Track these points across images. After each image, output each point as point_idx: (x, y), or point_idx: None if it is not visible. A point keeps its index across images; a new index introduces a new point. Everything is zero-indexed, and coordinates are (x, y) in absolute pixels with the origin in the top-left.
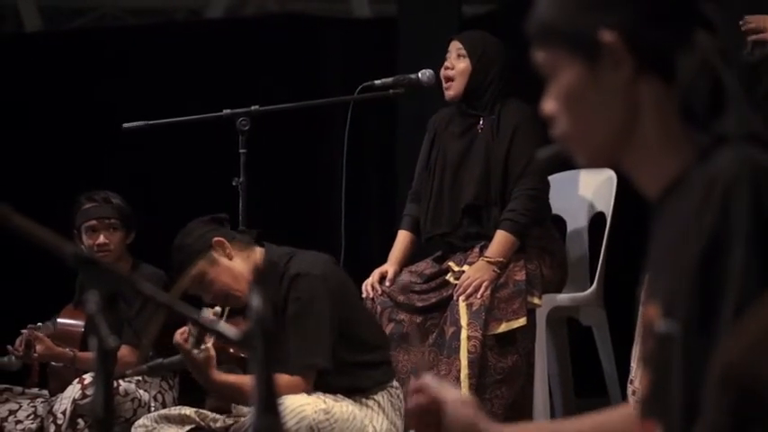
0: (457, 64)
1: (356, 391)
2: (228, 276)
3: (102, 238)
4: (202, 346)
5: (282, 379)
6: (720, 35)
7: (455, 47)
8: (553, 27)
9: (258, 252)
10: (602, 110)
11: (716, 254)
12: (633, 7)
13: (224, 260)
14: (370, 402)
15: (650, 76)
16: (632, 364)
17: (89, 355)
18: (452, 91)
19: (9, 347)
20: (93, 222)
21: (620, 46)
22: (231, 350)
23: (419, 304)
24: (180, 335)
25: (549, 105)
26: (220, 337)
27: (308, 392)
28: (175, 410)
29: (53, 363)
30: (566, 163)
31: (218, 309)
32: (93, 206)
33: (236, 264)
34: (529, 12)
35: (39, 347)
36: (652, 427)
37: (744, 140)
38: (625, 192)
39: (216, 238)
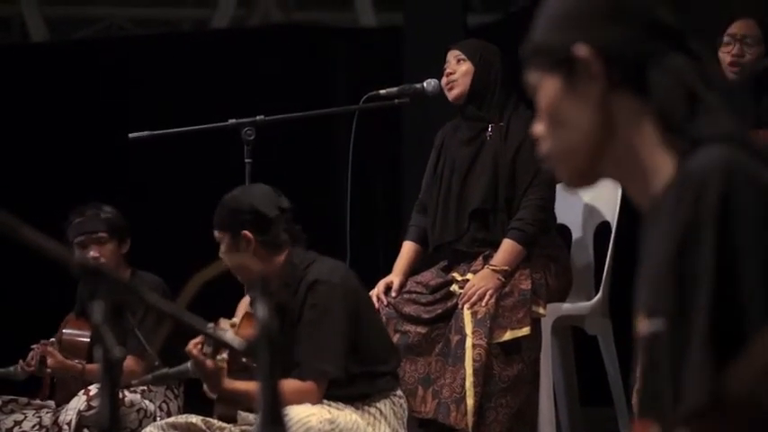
0: (458, 68)
1: (358, 399)
2: (238, 261)
3: (92, 252)
4: (218, 357)
5: (295, 384)
6: (700, 57)
7: (453, 55)
8: (537, 48)
9: (283, 255)
10: (579, 122)
11: (689, 246)
12: (606, 24)
13: (243, 250)
14: (372, 410)
15: (624, 89)
16: (637, 374)
17: (96, 366)
18: (457, 90)
19: (21, 362)
20: (82, 238)
21: (593, 60)
22: (243, 359)
23: (425, 316)
24: (193, 344)
25: (538, 128)
26: (226, 347)
27: (321, 399)
28: (182, 418)
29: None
30: None
31: (234, 320)
32: (81, 221)
33: (253, 259)
34: (533, 21)
35: (50, 361)
36: (648, 427)
37: (718, 141)
38: (630, 201)
39: (244, 232)
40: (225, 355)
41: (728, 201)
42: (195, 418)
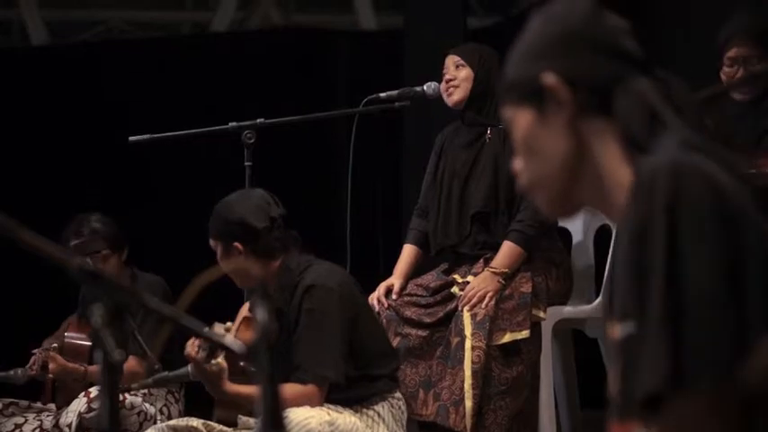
0: (458, 74)
1: (357, 401)
2: (233, 268)
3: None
4: (213, 361)
5: (296, 388)
6: (665, 81)
7: (452, 60)
8: (509, 82)
9: (278, 261)
10: (552, 150)
11: (642, 243)
12: (572, 53)
13: (236, 257)
14: (371, 412)
15: (591, 112)
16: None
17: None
18: (456, 96)
19: (23, 368)
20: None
21: (561, 87)
22: (242, 363)
23: (427, 320)
24: (191, 346)
25: (516, 163)
26: (225, 351)
27: (322, 404)
28: (183, 422)
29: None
30: None
31: (229, 324)
32: (81, 242)
33: (246, 266)
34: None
35: (52, 366)
36: (625, 430)
37: (671, 146)
38: None
39: (235, 244)
40: (221, 359)
41: (675, 196)
42: (196, 422)
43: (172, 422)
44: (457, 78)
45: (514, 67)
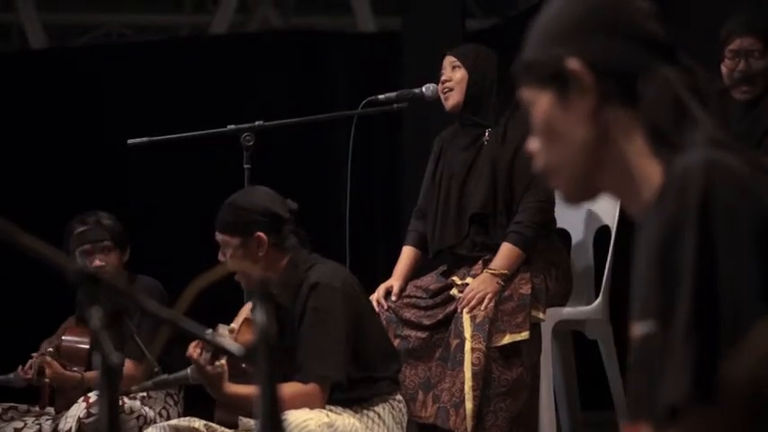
0: (453, 75)
1: (357, 403)
2: (247, 264)
3: (98, 261)
4: (217, 363)
5: (297, 388)
6: (691, 70)
7: (448, 61)
8: (529, 64)
9: (286, 259)
10: (573, 136)
11: (672, 244)
12: (596, 41)
13: (253, 252)
14: (371, 414)
15: (615, 101)
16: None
17: (96, 373)
18: (452, 100)
19: (20, 369)
20: (88, 246)
21: (585, 73)
22: (243, 365)
23: (426, 322)
24: (194, 348)
25: (532, 144)
26: (224, 353)
27: (324, 403)
28: (185, 422)
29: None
30: None
31: (233, 325)
32: (86, 229)
33: (261, 262)
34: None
35: (48, 372)
36: (640, 429)
37: (701, 144)
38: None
39: (258, 234)
40: (223, 361)
41: (709, 197)
42: (198, 422)
43: (173, 422)
44: (452, 80)
45: (535, 47)
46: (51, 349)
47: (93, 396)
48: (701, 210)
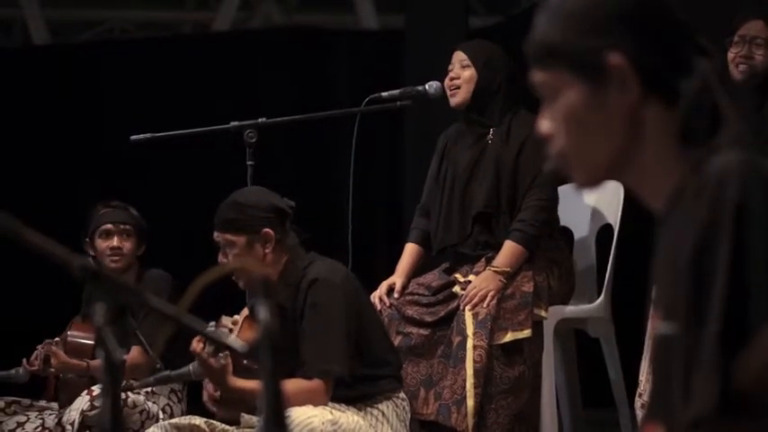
0: (462, 73)
1: (360, 400)
2: (251, 262)
3: (116, 242)
4: (220, 355)
5: (301, 383)
6: (716, 59)
7: (458, 57)
8: (555, 48)
9: (286, 256)
10: (604, 131)
11: (706, 247)
12: (637, 32)
13: (259, 250)
14: (375, 412)
15: (654, 100)
16: (641, 378)
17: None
18: (458, 98)
19: (24, 362)
20: (109, 226)
21: (627, 69)
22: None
23: (428, 319)
24: (197, 342)
25: (545, 125)
26: (227, 350)
27: (328, 398)
28: (185, 420)
29: (68, 375)
30: None
31: (236, 317)
32: (110, 211)
33: (266, 260)
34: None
35: (54, 361)
36: (656, 430)
37: (735, 146)
38: (633, 203)
39: (266, 230)
40: (227, 353)
41: (744, 202)
42: (198, 420)
43: (174, 420)
44: (460, 78)
45: (562, 31)
46: (57, 339)
47: (96, 389)
48: (736, 215)
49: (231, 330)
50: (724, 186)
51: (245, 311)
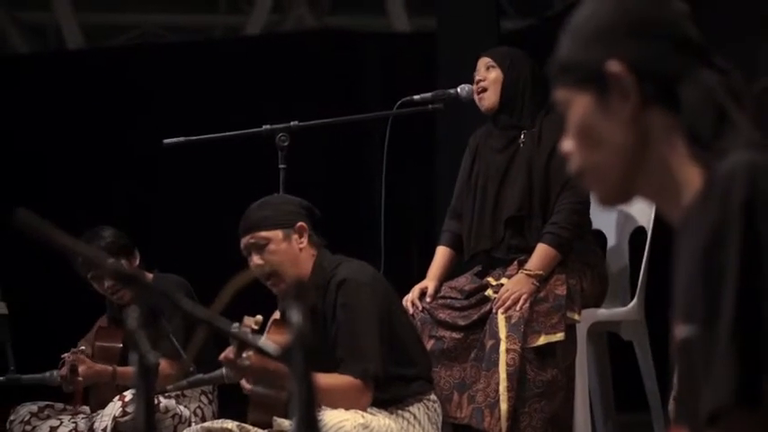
0: (488, 75)
1: (391, 403)
2: (287, 259)
3: (107, 283)
4: (243, 356)
5: (344, 379)
6: (728, 72)
7: (483, 62)
8: (567, 65)
9: (314, 258)
10: (612, 140)
11: (716, 246)
12: (638, 43)
13: (295, 244)
14: (406, 414)
15: (656, 105)
16: (674, 381)
17: (128, 369)
18: (487, 101)
19: (57, 370)
20: (94, 272)
21: (627, 76)
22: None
23: (461, 322)
24: (227, 355)
25: (566, 144)
26: (260, 353)
27: (370, 399)
28: (218, 423)
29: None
30: None
31: (259, 317)
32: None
33: (301, 255)
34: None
35: (81, 368)
36: None
37: (744, 148)
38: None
39: (300, 223)
40: (251, 353)
41: (753, 199)
42: (230, 424)
43: (207, 424)
44: (487, 80)
45: (572, 48)
46: (83, 347)
47: (128, 395)
48: (746, 213)
49: (254, 331)
50: (732, 185)
51: (275, 315)
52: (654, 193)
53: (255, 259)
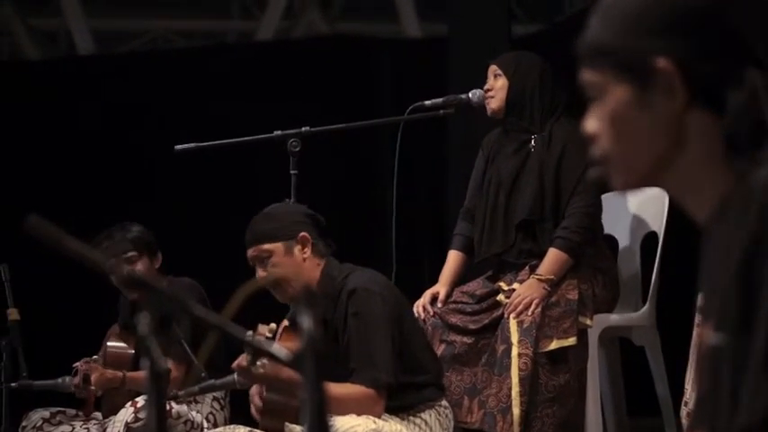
0: (495, 83)
1: (403, 409)
2: (291, 270)
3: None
4: (258, 363)
5: (356, 389)
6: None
7: (491, 70)
8: (605, 48)
9: (321, 267)
10: (648, 135)
11: (753, 258)
12: (689, 38)
13: (298, 255)
14: (418, 420)
15: (700, 108)
16: (686, 386)
17: (138, 374)
18: (493, 104)
19: (71, 377)
20: (113, 260)
21: (674, 74)
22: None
23: (472, 327)
24: (239, 362)
25: (591, 125)
26: (271, 359)
27: (383, 408)
28: (230, 429)
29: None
30: None
31: (272, 325)
32: (109, 245)
33: (305, 265)
34: (578, 31)
35: (94, 377)
36: None
37: None
38: (677, 211)
39: (303, 234)
40: (265, 361)
41: None
42: (242, 430)
43: (218, 430)
44: (494, 88)
45: (610, 30)
46: (96, 357)
47: (140, 401)
48: None
49: (268, 338)
50: None
51: (284, 323)
52: (678, 191)
53: (260, 271)
